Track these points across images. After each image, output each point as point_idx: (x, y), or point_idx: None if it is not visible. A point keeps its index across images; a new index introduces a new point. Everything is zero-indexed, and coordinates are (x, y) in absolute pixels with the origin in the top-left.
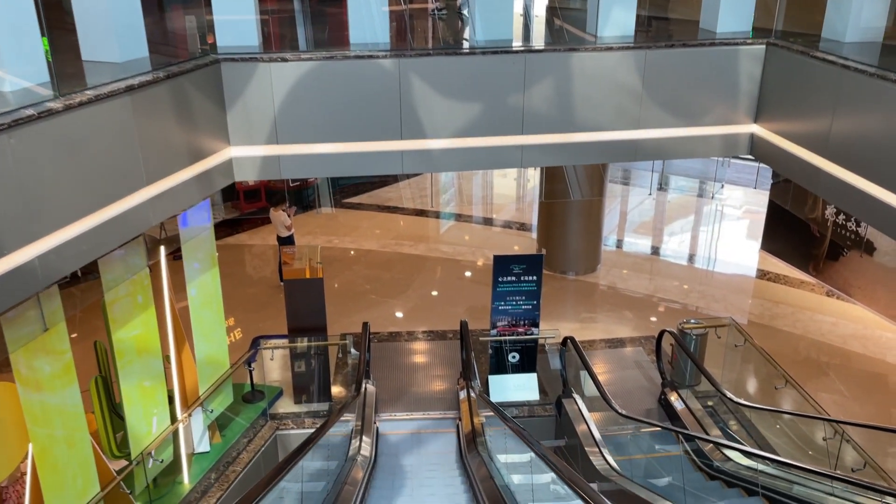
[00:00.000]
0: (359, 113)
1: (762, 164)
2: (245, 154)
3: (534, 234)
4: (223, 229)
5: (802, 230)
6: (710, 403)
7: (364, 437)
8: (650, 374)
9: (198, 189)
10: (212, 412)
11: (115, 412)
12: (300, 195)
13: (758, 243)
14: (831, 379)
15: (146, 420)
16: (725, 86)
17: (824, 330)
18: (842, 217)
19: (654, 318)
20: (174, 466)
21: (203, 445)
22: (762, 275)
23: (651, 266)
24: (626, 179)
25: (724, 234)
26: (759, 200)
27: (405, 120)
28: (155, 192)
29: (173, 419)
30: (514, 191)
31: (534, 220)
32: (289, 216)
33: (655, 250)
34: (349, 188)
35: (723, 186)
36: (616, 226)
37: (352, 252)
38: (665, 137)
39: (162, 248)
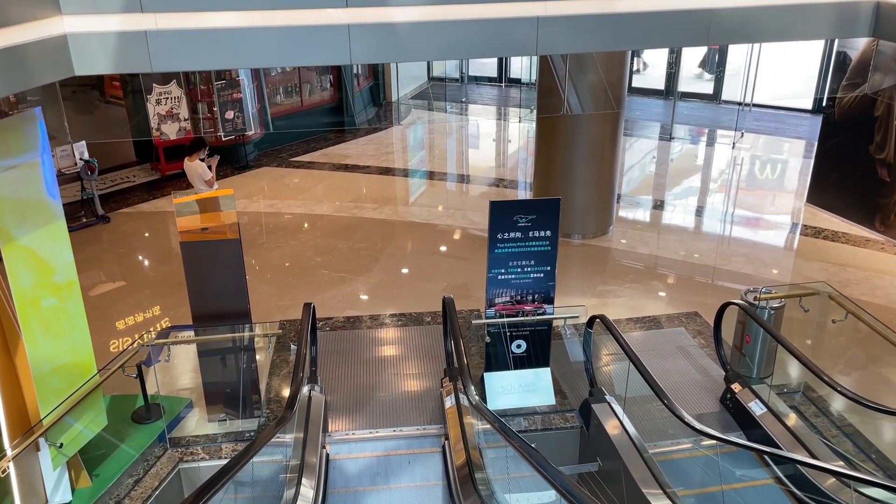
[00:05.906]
0: None
1: (797, 111)
2: (89, 28)
3: (520, 193)
4: (138, 194)
5: (865, 177)
6: (796, 403)
7: (304, 479)
8: (701, 363)
9: None
10: (61, 446)
11: None
12: (233, 152)
13: (801, 197)
14: None
15: None
16: None
17: None
18: None
19: (682, 289)
20: None
21: (61, 494)
22: (816, 233)
23: (674, 226)
24: (626, 129)
25: (756, 187)
26: (790, 149)
27: None
28: None
29: None
30: (493, 155)
31: (520, 175)
32: (210, 168)
33: (664, 206)
34: (297, 145)
35: (742, 135)
36: (621, 180)
37: (305, 223)
38: (752, 7)
39: None
